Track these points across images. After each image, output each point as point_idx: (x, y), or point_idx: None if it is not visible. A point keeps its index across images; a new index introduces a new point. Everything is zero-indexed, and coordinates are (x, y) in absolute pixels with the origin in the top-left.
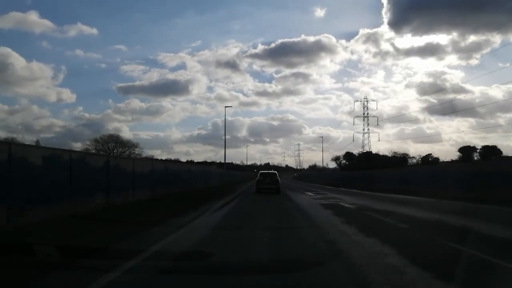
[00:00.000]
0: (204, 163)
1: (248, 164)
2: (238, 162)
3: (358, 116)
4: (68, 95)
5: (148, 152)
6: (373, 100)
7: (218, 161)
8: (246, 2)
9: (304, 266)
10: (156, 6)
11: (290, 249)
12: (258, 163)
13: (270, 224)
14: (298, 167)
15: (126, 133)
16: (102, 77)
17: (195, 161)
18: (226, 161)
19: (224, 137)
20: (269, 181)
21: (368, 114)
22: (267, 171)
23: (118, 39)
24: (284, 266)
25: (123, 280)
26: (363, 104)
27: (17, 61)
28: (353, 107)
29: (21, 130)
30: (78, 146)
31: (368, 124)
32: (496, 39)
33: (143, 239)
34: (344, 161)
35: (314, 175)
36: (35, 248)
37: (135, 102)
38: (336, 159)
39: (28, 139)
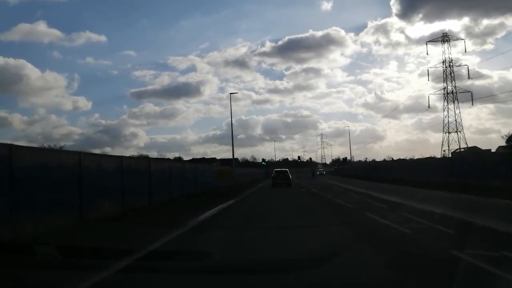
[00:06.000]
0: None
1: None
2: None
3: (435, 80)
4: (84, 103)
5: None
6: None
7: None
8: (251, 0)
9: None
10: (161, 10)
11: None
12: (275, 160)
13: None
14: (322, 162)
15: (143, 138)
16: (115, 83)
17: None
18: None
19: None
20: (282, 176)
21: (454, 78)
22: (280, 169)
23: (127, 45)
24: None
25: None
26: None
27: (32, 72)
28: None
29: (41, 139)
30: None
31: (454, 91)
32: (510, 21)
33: None
34: None
35: (380, 167)
36: None
37: (149, 107)
38: None
39: None
